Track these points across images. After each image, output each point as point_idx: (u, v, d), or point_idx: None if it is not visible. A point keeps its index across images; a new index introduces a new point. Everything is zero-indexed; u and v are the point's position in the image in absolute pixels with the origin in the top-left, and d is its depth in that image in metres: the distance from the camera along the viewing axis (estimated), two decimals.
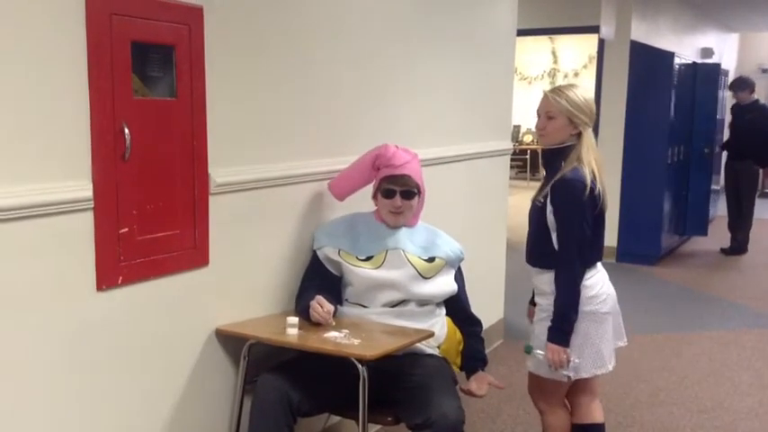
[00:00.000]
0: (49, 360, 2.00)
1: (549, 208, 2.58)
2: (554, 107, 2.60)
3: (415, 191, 2.74)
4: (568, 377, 2.63)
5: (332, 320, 2.52)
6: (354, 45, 3.02)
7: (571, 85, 2.69)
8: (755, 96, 7.55)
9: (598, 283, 2.65)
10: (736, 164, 7.52)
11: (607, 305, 2.66)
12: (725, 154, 8.00)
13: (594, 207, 2.58)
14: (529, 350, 2.67)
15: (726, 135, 7.96)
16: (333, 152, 2.92)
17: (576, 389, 2.79)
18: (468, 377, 2.79)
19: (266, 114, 2.61)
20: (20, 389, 1.94)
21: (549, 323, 2.60)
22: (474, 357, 2.81)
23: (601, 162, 2.62)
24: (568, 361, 2.57)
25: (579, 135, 2.60)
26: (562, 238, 2.57)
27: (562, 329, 2.57)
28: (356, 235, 2.77)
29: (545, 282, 2.65)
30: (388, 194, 2.72)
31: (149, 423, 2.33)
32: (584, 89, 2.67)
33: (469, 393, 2.72)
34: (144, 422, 2.31)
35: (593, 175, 2.55)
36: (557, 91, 2.63)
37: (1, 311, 1.87)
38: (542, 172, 2.92)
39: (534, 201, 2.68)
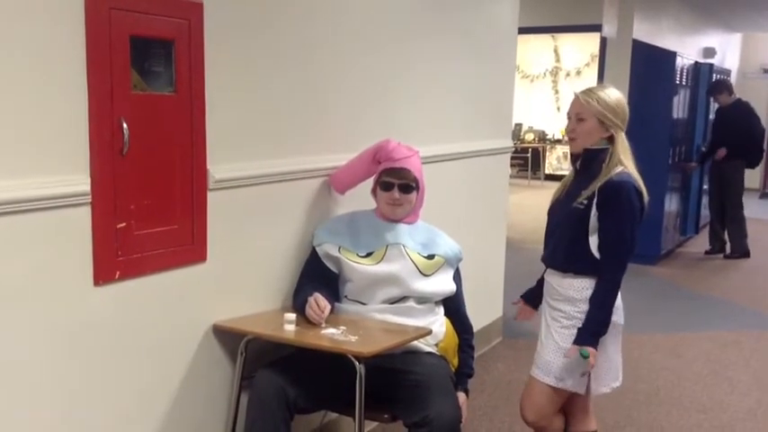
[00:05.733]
0: (45, 355, 2.00)
1: (593, 211, 2.46)
2: (585, 109, 2.50)
3: (414, 185, 2.74)
4: (587, 389, 2.55)
5: (323, 322, 2.49)
6: (356, 42, 3.01)
7: (603, 86, 2.57)
8: (735, 96, 7.43)
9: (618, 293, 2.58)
10: (723, 165, 7.41)
11: (622, 317, 2.61)
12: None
13: (642, 214, 2.49)
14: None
15: (705, 138, 7.92)
16: (333, 149, 2.92)
17: (574, 403, 2.72)
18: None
19: (266, 110, 2.61)
20: (15, 383, 1.94)
21: (574, 331, 2.49)
22: (460, 371, 2.77)
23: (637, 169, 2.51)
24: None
25: (611, 138, 2.50)
26: (611, 242, 2.44)
27: (597, 333, 2.46)
28: (357, 232, 2.76)
29: (576, 288, 2.52)
30: (387, 187, 2.72)
31: (146, 418, 2.33)
32: (616, 90, 2.55)
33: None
34: (141, 417, 2.31)
35: (641, 182, 2.46)
36: (588, 92, 2.52)
37: None
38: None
39: (566, 202, 2.55)
